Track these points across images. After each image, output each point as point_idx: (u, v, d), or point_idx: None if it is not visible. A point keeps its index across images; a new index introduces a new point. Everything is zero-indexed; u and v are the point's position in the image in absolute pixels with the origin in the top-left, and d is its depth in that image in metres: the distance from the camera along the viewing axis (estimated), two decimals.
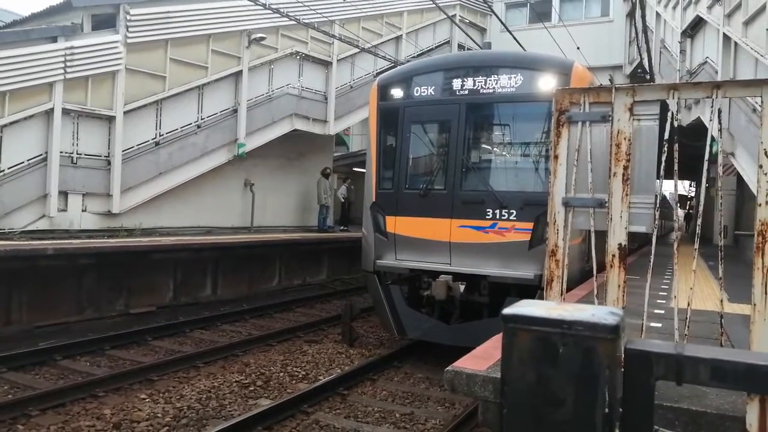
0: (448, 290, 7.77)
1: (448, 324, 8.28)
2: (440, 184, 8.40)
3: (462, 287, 7.79)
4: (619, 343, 0.82)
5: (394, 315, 8.64)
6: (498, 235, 7.80)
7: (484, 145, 8.78)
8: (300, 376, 7.86)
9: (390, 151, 8.94)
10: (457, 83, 8.33)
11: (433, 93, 8.53)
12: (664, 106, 3.07)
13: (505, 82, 7.99)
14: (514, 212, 7.72)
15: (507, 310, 0.91)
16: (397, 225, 8.51)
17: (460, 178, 8.18)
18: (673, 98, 2.92)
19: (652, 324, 4.89)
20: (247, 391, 7.17)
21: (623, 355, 0.83)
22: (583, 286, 7.08)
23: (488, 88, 8.10)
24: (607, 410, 0.80)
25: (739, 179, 14.90)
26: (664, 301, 6.29)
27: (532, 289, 7.35)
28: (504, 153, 8.61)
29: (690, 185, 41.99)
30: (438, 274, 7.97)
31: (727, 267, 3.05)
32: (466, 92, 8.24)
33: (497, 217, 7.81)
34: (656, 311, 5.60)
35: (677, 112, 12.59)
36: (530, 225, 7.58)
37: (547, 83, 7.63)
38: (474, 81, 8.20)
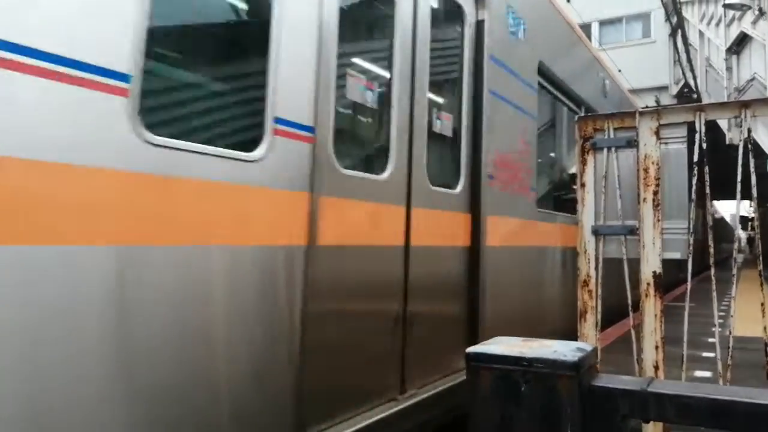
0: None
1: None
2: None
3: None
4: (581, 380, 0.79)
5: None
6: None
7: None
8: None
9: None
10: None
11: None
12: (712, 126, 2.99)
13: None
14: None
15: (470, 349, 0.90)
16: None
17: None
18: (700, 120, 2.86)
19: (705, 354, 4.67)
20: None
21: (588, 393, 0.81)
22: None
23: None
24: None
25: None
26: (720, 329, 5.98)
27: None
28: None
29: (750, 206, 40.23)
30: None
31: None
32: None
33: None
34: (710, 340, 5.34)
35: (728, 130, 12.08)
36: None
37: None
38: None
